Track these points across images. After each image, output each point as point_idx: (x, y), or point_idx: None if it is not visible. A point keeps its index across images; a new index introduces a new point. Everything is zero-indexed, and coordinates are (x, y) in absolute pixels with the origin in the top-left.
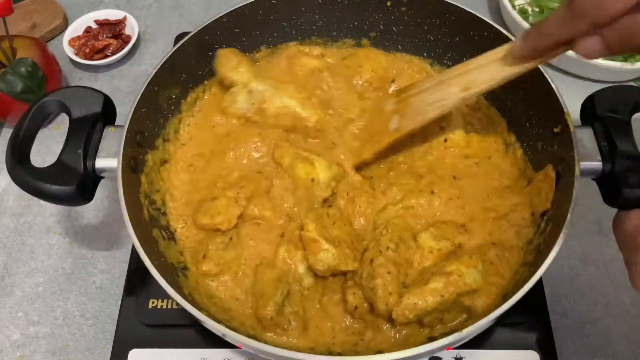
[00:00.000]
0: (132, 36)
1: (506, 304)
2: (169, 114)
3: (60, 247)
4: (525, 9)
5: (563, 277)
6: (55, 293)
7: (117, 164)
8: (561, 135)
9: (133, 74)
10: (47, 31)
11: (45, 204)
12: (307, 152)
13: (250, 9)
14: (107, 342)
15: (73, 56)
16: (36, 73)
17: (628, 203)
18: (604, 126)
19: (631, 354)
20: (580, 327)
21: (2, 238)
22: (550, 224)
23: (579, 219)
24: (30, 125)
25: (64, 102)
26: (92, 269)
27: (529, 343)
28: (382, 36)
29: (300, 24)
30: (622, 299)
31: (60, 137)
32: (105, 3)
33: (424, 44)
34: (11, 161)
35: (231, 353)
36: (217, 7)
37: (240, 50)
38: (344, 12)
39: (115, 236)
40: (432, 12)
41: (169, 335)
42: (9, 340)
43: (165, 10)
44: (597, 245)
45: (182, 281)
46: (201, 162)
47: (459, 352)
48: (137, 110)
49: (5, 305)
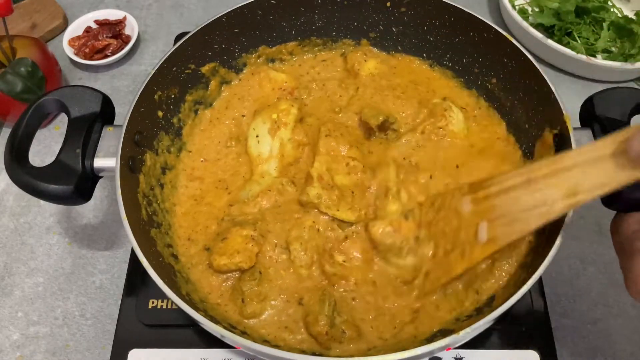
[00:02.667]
0: (132, 36)
1: (506, 304)
2: (168, 114)
3: (60, 247)
4: (525, 9)
5: (563, 277)
6: (55, 293)
7: (115, 164)
8: (560, 137)
9: (133, 74)
10: (47, 31)
11: (45, 203)
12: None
13: (249, 9)
14: (107, 342)
15: (73, 56)
16: (36, 73)
17: (626, 206)
18: (603, 128)
19: (631, 354)
20: (580, 327)
21: (2, 238)
22: (549, 225)
23: (578, 219)
24: (29, 124)
25: (63, 102)
26: (92, 269)
27: (529, 343)
28: (382, 37)
29: (300, 24)
30: (622, 299)
31: (60, 137)
32: (105, 3)
33: (424, 44)
34: (9, 160)
35: (231, 353)
36: (216, 7)
37: (239, 50)
38: (344, 12)
39: (115, 236)
40: (432, 13)
41: (169, 335)
42: (8, 340)
43: (165, 10)
44: (597, 245)
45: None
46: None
47: (458, 352)
48: (136, 110)
49: (5, 305)
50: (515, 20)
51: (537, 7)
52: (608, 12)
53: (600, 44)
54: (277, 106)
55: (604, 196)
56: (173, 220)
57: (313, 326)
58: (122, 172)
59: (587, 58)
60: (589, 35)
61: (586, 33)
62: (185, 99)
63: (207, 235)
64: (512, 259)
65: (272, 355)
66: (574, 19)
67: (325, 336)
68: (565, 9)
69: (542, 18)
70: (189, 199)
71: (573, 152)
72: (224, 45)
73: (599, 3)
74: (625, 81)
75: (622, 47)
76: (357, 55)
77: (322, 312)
